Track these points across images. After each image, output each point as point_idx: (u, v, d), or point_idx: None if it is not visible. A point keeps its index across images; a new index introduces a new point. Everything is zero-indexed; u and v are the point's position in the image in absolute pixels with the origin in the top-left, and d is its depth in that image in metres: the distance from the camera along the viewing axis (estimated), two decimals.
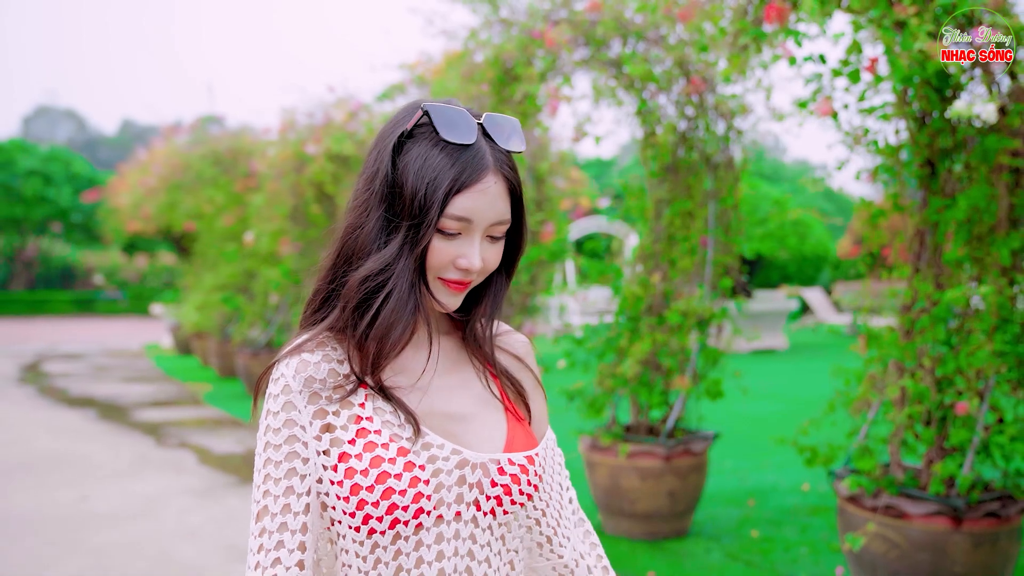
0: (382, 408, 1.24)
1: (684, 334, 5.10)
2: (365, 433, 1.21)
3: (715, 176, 5.28)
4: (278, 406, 1.21)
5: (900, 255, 4.06)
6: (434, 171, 1.19)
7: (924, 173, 4.05)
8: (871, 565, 3.86)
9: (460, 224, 1.20)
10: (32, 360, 15.12)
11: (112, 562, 4.73)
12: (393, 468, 1.18)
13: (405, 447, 1.21)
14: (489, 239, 1.24)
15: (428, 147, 1.20)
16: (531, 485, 1.28)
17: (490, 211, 1.21)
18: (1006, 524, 3.71)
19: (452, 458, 1.23)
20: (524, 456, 1.28)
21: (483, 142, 1.22)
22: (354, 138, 7.81)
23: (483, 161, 1.21)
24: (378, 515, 1.18)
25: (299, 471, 1.20)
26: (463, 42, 4.95)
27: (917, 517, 3.71)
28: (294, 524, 1.19)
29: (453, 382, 1.32)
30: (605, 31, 4.67)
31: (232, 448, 7.72)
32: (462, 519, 1.24)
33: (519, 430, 1.33)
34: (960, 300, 3.67)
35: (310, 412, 1.22)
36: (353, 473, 1.18)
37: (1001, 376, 3.84)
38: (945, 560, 3.68)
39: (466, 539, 1.24)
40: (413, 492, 1.18)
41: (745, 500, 5.81)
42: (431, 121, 1.20)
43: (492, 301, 1.35)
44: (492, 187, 1.21)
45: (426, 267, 1.23)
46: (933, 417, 3.89)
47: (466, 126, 1.21)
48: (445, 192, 1.18)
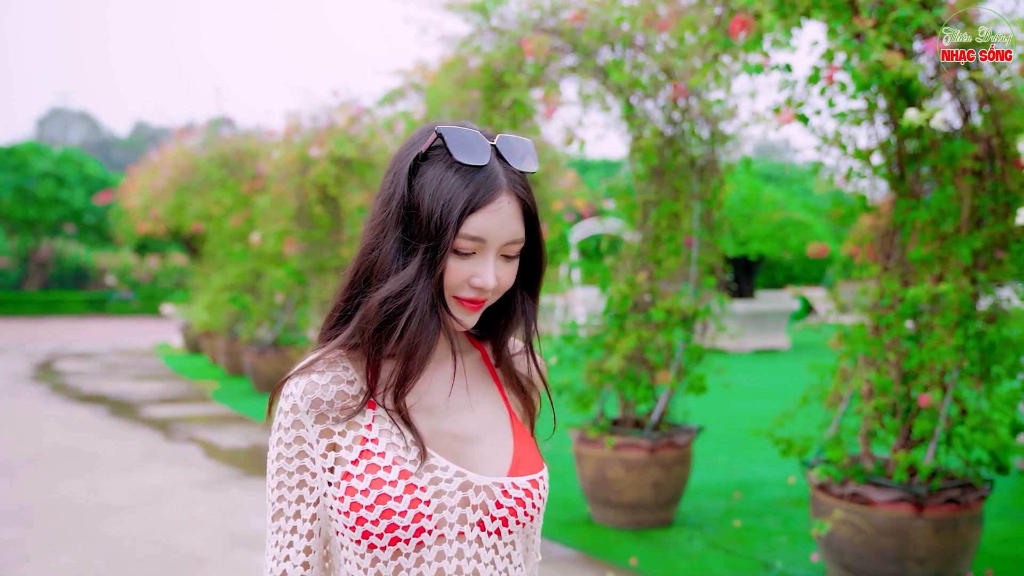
0: (388, 430, 1.26)
1: (669, 331, 5.29)
2: (368, 455, 1.24)
3: (700, 178, 5.46)
4: (288, 423, 1.26)
5: (868, 255, 4.24)
6: (449, 192, 1.21)
7: (893, 176, 4.23)
8: (839, 550, 4.04)
9: (474, 244, 1.23)
10: (45, 359, 15.41)
11: (119, 549, 4.95)
12: (393, 491, 1.22)
13: (408, 470, 1.24)
14: (503, 258, 1.26)
15: (443, 169, 1.23)
16: (535, 507, 1.31)
17: (503, 230, 1.24)
18: (966, 510, 3.89)
19: (455, 480, 1.26)
20: (528, 480, 1.31)
21: (496, 163, 1.25)
22: (356, 141, 8.03)
23: (496, 181, 1.23)
24: (377, 532, 1.21)
25: (308, 483, 1.26)
26: (455, 50, 5.15)
27: (881, 504, 3.89)
28: (302, 529, 1.26)
29: (463, 402, 1.34)
30: (590, 39, 4.86)
31: (238, 443, 7.95)
32: (465, 539, 1.26)
33: (526, 451, 1.35)
34: (922, 297, 3.84)
35: (317, 431, 1.26)
36: (354, 492, 1.22)
37: (964, 370, 4.02)
38: (908, 545, 3.86)
39: (470, 558, 1.26)
40: (413, 513, 1.22)
41: (732, 492, 6.00)
42: (445, 144, 1.24)
43: (523, 319, 1.37)
44: (505, 207, 1.23)
45: (442, 287, 1.26)
46: (898, 409, 4.07)
47: (480, 148, 1.24)
48: (460, 213, 1.20)
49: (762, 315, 15.32)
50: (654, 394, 5.41)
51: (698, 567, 4.61)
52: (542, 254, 1.34)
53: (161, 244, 26.52)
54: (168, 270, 30.68)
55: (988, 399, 3.98)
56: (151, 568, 4.64)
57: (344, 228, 9.40)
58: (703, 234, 5.46)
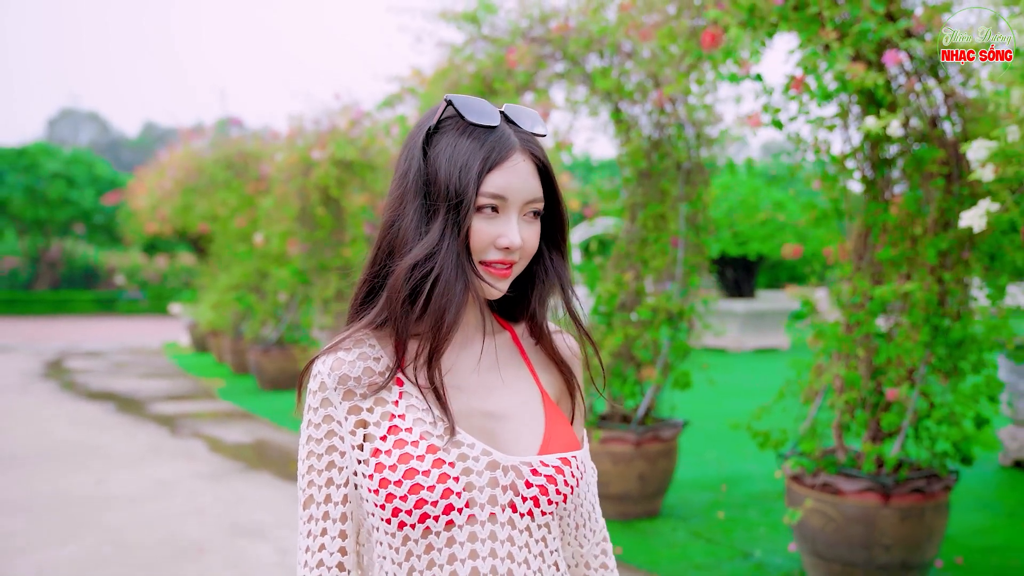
0: (415, 406, 1.26)
1: (655, 329, 5.47)
2: (396, 430, 1.24)
3: (686, 181, 5.64)
4: (317, 402, 1.27)
5: (840, 255, 4.41)
6: (464, 155, 1.23)
7: (866, 179, 4.41)
8: (811, 538, 4.22)
9: (496, 201, 1.23)
10: (55, 357, 15.65)
11: (125, 537, 5.16)
12: (421, 465, 1.21)
13: (435, 444, 1.23)
14: (526, 219, 1.27)
15: (456, 136, 1.25)
16: (567, 486, 1.28)
17: (523, 188, 1.25)
18: (931, 499, 4.06)
19: (482, 459, 1.25)
20: (558, 458, 1.29)
21: (506, 126, 1.27)
22: (356, 144, 8.23)
23: (509, 141, 1.25)
24: (407, 509, 1.20)
25: (337, 463, 1.26)
26: (448, 58, 5.34)
27: (850, 493, 4.07)
28: (335, 513, 1.26)
29: (495, 380, 1.34)
30: (577, 47, 5.04)
31: (241, 438, 8.15)
32: (497, 520, 1.24)
33: (559, 430, 1.33)
34: (890, 296, 4.02)
35: (345, 408, 1.26)
36: (382, 468, 1.21)
37: (932, 365, 4.19)
38: (875, 533, 4.03)
39: (504, 540, 1.24)
40: (441, 488, 1.21)
41: (719, 486, 6.17)
42: (456, 111, 1.26)
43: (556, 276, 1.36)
44: (521, 164, 1.25)
45: (470, 252, 1.26)
46: (868, 403, 4.25)
47: (489, 111, 1.26)
48: (478, 171, 1.22)
49: (762, 314, 15.47)
50: (641, 390, 5.59)
51: (680, 556, 4.79)
52: (562, 212, 1.33)
53: (169, 244, 26.78)
54: (176, 270, 30.93)
55: (953, 393, 4.15)
56: (154, 555, 4.84)
57: (346, 229, 9.61)
58: (689, 235, 5.64)
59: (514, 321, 1.42)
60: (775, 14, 3.66)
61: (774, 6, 3.63)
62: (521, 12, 5.17)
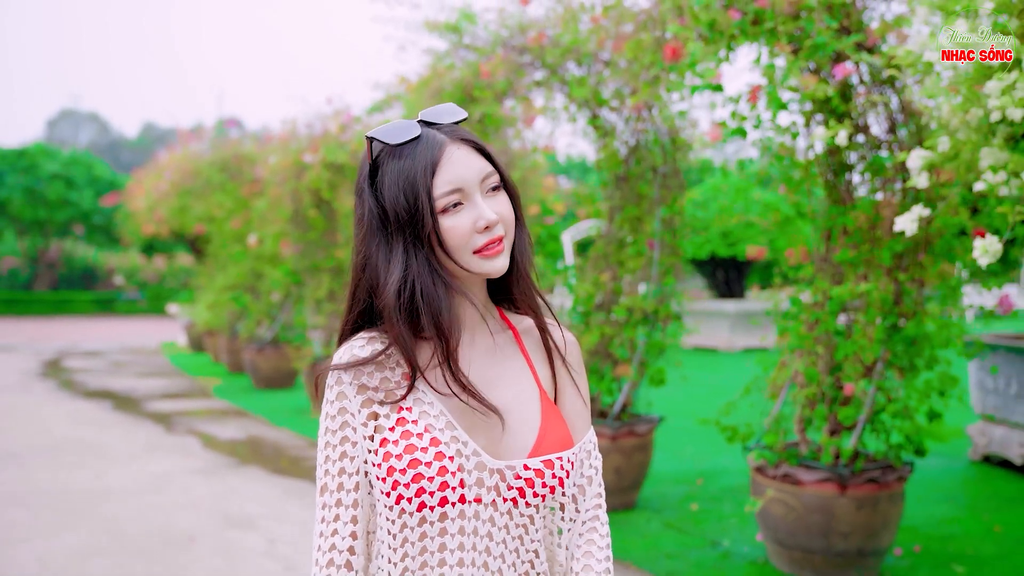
0: (421, 400, 1.35)
1: (631, 327, 5.67)
2: (403, 422, 1.33)
3: (662, 185, 5.84)
4: (333, 396, 1.36)
5: (802, 257, 4.62)
6: (403, 173, 1.30)
7: (828, 184, 4.61)
8: (774, 527, 4.43)
9: (455, 195, 1.30)
10: (54, 357, 15.86)
11: (121, 527, 5.36)
12: (424, 456, 1.31)
13: (438, 438, 1.33)
14: (489, 196, 1.34)
15: (391, 162, 1.32)
16: (546, 487, 1.36)
17: (471, 170, 1.31)
18: (886, 489, 4.27)
19: (472, 459, 1.34)
20: (541, 461, 1.36)
21: (428, 129, 1.34)
22: (346, 148, 8.44)
23: (436, 139, 1.32)
24: (408, 497, 1.31)
25: (350, 454, 1.35)
26: (431, 66, 5.55)
27: (809, 484, 4.28)
28: (347, 499, 1.35)
29: (495, 377, 1.41)
30: (554, 57, 5.25)
31: (235, 435, 8.36)
32: (481, 516, 1.35)
33: (553, 429, 1.40)
34: (846, 296, 4.22)
35: (359, 402, 1.35)
36: (389, 456, 1.31)
37: (889, 361, 4.40)
38: (832, 521, 4.24)
39: (485, 520, 1.35)
40: (440, 480, 1.31)
41: (694, 479, 6.38)
42: (381, 141, 1.33)
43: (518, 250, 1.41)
44: (457, 152, 1.32)
45: (452, 253, 1.32)
46: (827, 398, 4.45)
47: (407, 126, 1.33)
48: (423, 179, 1.29)
49: (752, 314, 15.68)
50: (618, 387, 5.79)
51: (651, 545, 4.99)
52: (509, 182, 1.39)
53: (168, 245, 26.98)
54: (175, 271, 31.15)
55: (908, 388, 4.35)
56: (147, 544, 5.05)
57: (338, 231, 9.81)
58: (665, 237, 5.84)
59: (517, 309, 1.48)
60: (734, 28, 3.87)
61: (733, 21, 3.84)
62: (500, 23, 5.37)
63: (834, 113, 4.34)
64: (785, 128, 4.48)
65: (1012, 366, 6.49)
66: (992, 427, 6.68)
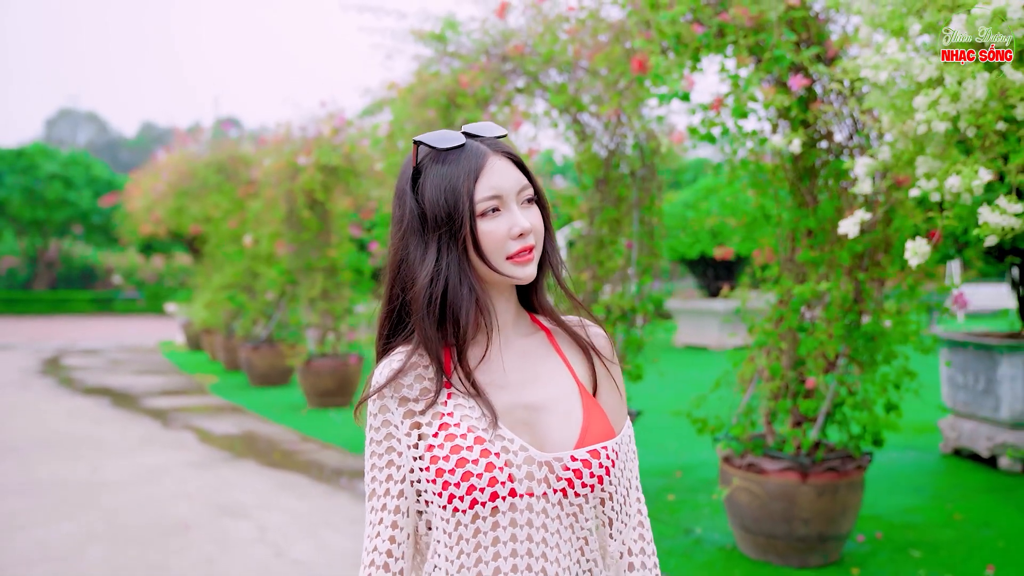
0: (462, 404, 1.41)
1: (611, 325, 5.89)
2: (446, 427, 1.38)
3: (640, 188, 6.07)
4: (376, 409, 1.43)
5: (768, 257, 4.84)
6: (448, 177, 1.38)
7: (793, 188, 4.84)
8: (740, 514, 4.65)
9: (494, 201, 1.38)
10: (52, 355, 16.08)
11: (117, 516, 5.58)
12: (470, 455, 1.36)
13: (482, 436, 1.37)
14: (523, 207, 1.41)
15: (435, 167, 1.40)
16: (594, 476, 1.40)
17: (510, 180, 1.39)
18: (845, 477, 4.49)
19: (520, 453, 1.38)
20: (587, 451, 1.40)
21: (472, 140, 1.42)
22: (339, 151, 8.67)
23: (480, 150, 1.40)
24: (459, 495, 1.35)
25: (395, 463, 1.42)
26: (416, 73, 5.77)
27: (773, 473, 4.50)
28: (391, 505, 1.42)
29: (533, 376, 1.46)
30: (535, 65, 5.47)
31: (230, 430, 8.58)
32: (533, 509, 1.39)
33: (595, 421, 1.45)
34: (807, 294, 4.44)
35: (400, 414, 1.42)
36: (437, 460, 1.36)
37: (851, 356, 4.62)
38: (794, 508, 4.47)
39: (538, 512, 1.39)
40: (488, 476, 1.35)
41: (673, 472, 6.60)
42: (428, 146, 1.41)
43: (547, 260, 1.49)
44: (499, 163, 1.39)
45: (487, 256, 1.39)
46: (791, 391, 4.68)
47: (453, 136, 1.41)
48: (467, 185, 1.36)
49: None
50: None
51: None
52: (543, 196, 1.47)
53: (166, 245, 27.20)
54: (173, 270, 31.37)
55: (867, 382, 4.58)
56: (143, 532, 5.27)
57: (331, 231, 10.05)
58: (643, 237, 6.06)
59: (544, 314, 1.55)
60: (699, 41, 4.09)
61: (697, 34, 4.06)
62: (483, 32, 5.59)
63: (804, 121, 4.57)
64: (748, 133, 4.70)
65: (980, 363, 6.71)
66: (961, 421, 6.91)
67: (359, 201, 10.15)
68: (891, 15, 3.08)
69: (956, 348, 6.94)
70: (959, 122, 2.79)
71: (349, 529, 5.30)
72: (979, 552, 4.71)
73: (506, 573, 1.38)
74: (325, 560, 4.76)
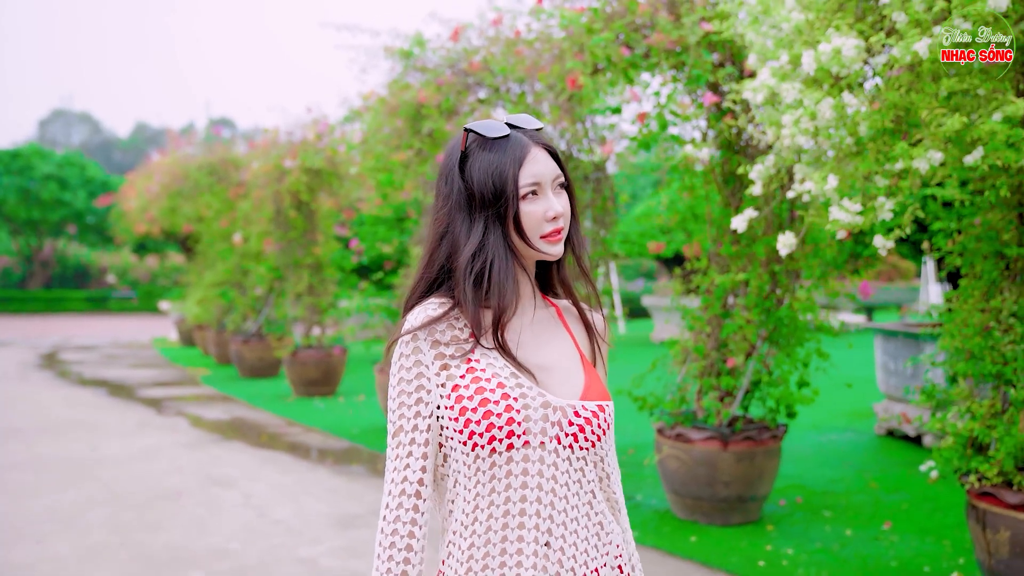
0: (487, 355, 1.55)
1: None
2: (473, 371, 1.52)
3: (594, 189, 6.66)
4: (408, 350, 1.55)
5: (696, 252, 5.44)
6: (494, 164, 1.53)
7: (719, 190, 5.44)
8: (670, 479, 5.25)
9: (534, 186, 1.53)
10: (50, 350, 16.62)
11: (116, 487, 6.16)
12: (493, 396, 1.49)
13: (504, 383, 1.51)
14: (556, 192, 1.57)
15: (482, 153, 1.55)
16: (600, 428, 1.56)
17: (548, 169, 1.55)
18: (762, 445, 5.10)
19: (538, 399, 1.52)
20: (596, 404, 1.56)
21: (515, 131, 1.58)
22: (323, 155, 9.27)
23: (523, 141, 1.55)
24: (479, 432, 1.48)
25: (424, 400, 1.53)
26: (388, 86, 6.35)
27: (697, 441, 5.10)
28: (419, 439, 1.52)
29: (544, 340, 1.61)
30: (494, 79, 6.06)
31: (220, 416, 9.16)
32: (546, 449, 1.51)
33: (594, 383, 1.61)
34: (727, 284, 5.04)
35: (432, 355, 1.54)
36: (461, 399, 1.49)
37: (769, 338, 5.22)
38: (716, 472, 5.07)
39: (550, 465, 1.52)
40: (507, 417, 1.48)
41: (626, 450, 7.19)
42: (477, 134, 1.56)
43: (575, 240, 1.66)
44: (540, 154, 1.56)
45: (526, 233, 1.54)
46: (715, 370, 5.28)
47: (500, 126, 1.57)
48: (513, 171, 1.52)
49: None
50: None
51: None
52: (571, 184, 1.63)
53: (159, 244, 27.71)
54: (166, 269, 31.88)
55: (781, 362, 5.18)
56: (140, 498, 5.85)
57: (316, 230, 10.65)
58: (596, 235, 6.66)
59: (556, 296, 1.71)
60: (626, 62, 4.69)
61: (624, 57, 4.66)
62: (447, 49, 6.18)
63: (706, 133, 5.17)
64: (675, 138, 5.30)
65: (909, 350, 7.32)
66: (894, 404, 7.52)
67: (342, 202, 10.77)
68: (777, 43, 3.68)
69: (888, 337, 7.55)
70: (818, 137, 3.39)
71: (327, 497, 5.89)
72: (883, 512, 5.32)
73: (522, 508, 1.50)
74: (303, 520, 5.35)
